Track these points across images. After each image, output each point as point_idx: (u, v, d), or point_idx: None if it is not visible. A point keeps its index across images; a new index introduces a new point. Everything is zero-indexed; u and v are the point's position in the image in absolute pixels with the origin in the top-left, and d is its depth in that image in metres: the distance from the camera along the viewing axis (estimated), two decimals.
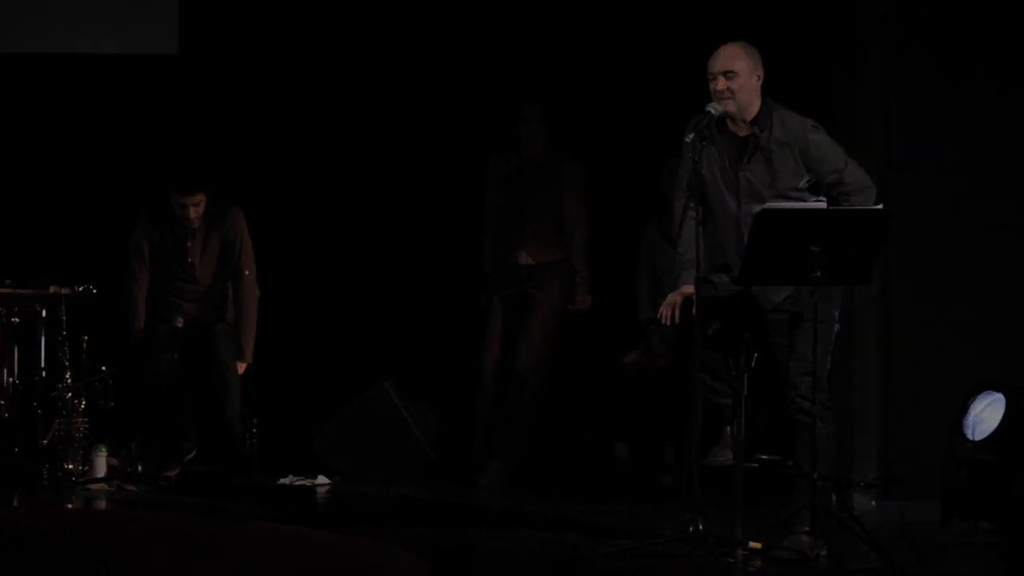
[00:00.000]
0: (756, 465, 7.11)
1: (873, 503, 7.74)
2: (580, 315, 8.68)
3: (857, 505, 7.43)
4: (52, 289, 8.19)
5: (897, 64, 7.95)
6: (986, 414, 7.08)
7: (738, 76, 6.37)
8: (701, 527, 6.25)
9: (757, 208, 6.18)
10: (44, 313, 8.19)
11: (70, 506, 7.71)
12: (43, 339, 8.19)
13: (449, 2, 9.26)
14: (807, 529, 6.32)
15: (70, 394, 8.12)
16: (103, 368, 8.26)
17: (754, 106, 6.41)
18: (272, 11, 9.33)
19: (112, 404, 8.26)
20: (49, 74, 9.38)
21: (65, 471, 8.06)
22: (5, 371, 8.15)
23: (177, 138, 9.29)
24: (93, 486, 8.07)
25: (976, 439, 7.05)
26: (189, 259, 8.46)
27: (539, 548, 6.64)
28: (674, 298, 6.44)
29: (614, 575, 6.15)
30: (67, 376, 8.16)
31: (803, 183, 6.38)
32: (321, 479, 8.40)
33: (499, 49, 9.16)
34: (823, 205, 6.27)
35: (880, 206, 6.27)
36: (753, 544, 6.24)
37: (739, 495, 6.28)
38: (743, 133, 6.44)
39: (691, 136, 6.31)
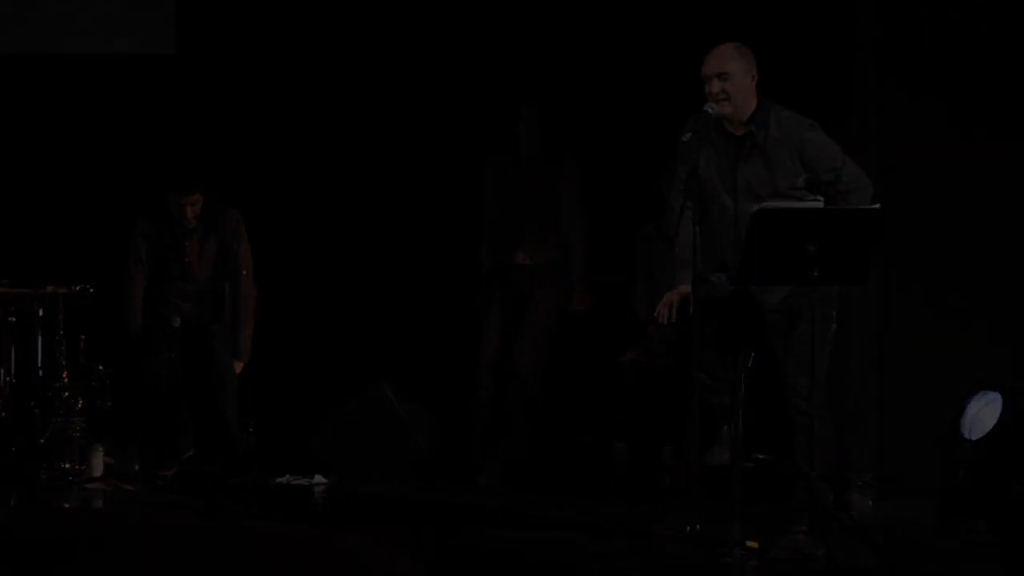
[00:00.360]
0: (754, 465, 7.12)
1: (871, 503, 7.74)
2: (579, 315, 8.67)
3: (855, 505, 7.43)
4: (49, 288, 8.18)
5: (895, 63, 7.95)
6: (983, 414, 7.08)
7: (732, 77, 6.35)
8: (699, 527, 6.25)
9: (754, 207, 6.17)
10: (41, 313, 8.18)
11: (67, 505, 7.70)
12: (40, 339, 8.18)
13: (448, 2, 9.25)
14: (805, 529, 6.32)
15: (67, 393, 8.11)
16: (100, 368, 8.25)
17: (750, 106, 6.39)
18: (270, 10, 9.32)
19: (109, 404, 8.25)
20: (47, 74, 9.37)
21: (62, 470, 8.05)
22: (2, 371, 8.14)
23: (175, 138, 9.28)
24: (90, 485, 8.05)
25: (973, 439, 7.05)
26: (186, 259, 8.45)
27: (537, 547, 6.63)
28: (671, 297, 6.43)
29: (612, 575, 6.14)
30: (64, 376, 8.15)
31: (800, 181, 6.36)
32: (318, 478, 8.39)
33: (498, 49, 9.15)
34: (820, 204, 6.25)
35: (877, 205, 6.26)
36: (751, 544, 6.23)
37: (737, 495, 6.27)
38: (740, 132, 6.42)
39: (688, 136, 6.31)
